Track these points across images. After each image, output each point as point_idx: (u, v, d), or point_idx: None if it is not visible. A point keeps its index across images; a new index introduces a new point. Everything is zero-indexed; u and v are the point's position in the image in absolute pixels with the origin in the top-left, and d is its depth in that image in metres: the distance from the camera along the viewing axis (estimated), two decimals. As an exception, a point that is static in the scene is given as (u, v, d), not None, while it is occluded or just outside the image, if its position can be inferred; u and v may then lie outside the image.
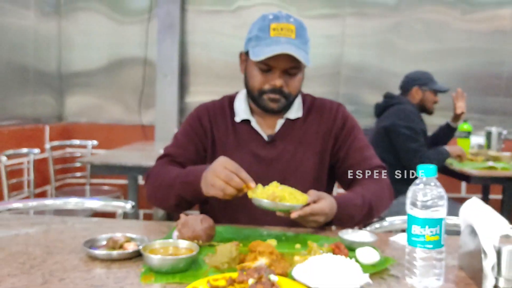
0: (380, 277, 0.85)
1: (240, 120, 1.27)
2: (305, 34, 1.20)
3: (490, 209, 0.89)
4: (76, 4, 3.75)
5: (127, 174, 2.40)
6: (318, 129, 1.28)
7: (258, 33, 1.18)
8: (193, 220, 0.98)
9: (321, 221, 1.05)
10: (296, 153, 1.25)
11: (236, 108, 1.29)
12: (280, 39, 1.15)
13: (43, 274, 0.81)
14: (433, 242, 0.81)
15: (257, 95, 1.22)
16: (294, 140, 1.26)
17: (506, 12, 3.64)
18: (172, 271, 0.83)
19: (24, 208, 1.32)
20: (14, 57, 3.17)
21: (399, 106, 2.51)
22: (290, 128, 1.27)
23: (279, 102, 1.21)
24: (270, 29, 1.16)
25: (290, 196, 1.00)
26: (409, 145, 2.38)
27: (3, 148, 2.76)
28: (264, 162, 1.24)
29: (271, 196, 0.98)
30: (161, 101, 3.58)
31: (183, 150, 1.27)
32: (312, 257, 0.84)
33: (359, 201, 1.14)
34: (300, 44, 1.16)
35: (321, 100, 1.34)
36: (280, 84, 1.18)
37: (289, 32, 1.16)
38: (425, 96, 2.59)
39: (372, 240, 0.98)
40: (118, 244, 0.93)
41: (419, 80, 2.59)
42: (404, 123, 2.41)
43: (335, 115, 1.29)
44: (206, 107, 1.32)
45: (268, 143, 1.26)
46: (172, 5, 3.57)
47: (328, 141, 1.27)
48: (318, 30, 3.60)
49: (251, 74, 1.22)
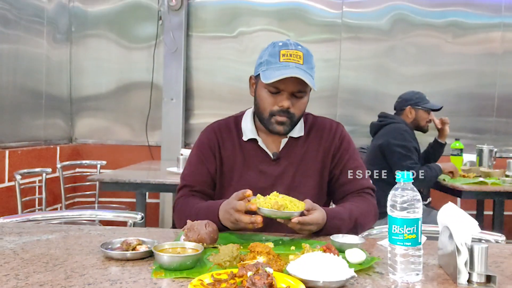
0: (366, 273, 0.95)
1: (247, 139, 1.37)
2: (311, 61, 1.31)
3: (463, 212, 0.99)
4: (86, 32, 3.95)
5: (135, 191, 2.52)
6: (319, 147, 1.38)
7: (269, 58, 1.28)
8: (199, 225, 1.08)
9: (313, 230, 1.17)
10: (299, 170, 1.35)
11: (243, 127, 1.39)
12: (289, 64, 1.25)
13: (65, 271, 0.92)
14: (411, 240, 0.91)
15: (267, 117, 1.32)
16: (297, 158, 1.36)
17: (496, 35, 3.81)
18: (179, 268, 0.93)
19: (42, 219, 1.42)
20: (27, 82, 3.34)
21: (393, 125, 2.63)
22: (293, 146, 1.37)
23: (285, 125, 1.31)
24: (280, 55, 1.27)
25: (291, 204, 1.12)
26: (402, 163, 2.49)
27: (16, 168, 2.89)
28: (269, 178, 1.34)
29: (275, 205, 1.09)
30: (167, 123, 3.73)
31: (199, 176, 1.36)
32: (305, 254, 0.94)
33: (346, 216, 1.25)
34: (307, 69, 1.27)
35: (322, 119, 1.44)
36: (287, 106, 1.28)
37: (297, 58, 1.26)
38: (418, 115, 2.71)
39: (360, 242, 1.08)
40: (131, 246, 1.03)
41: (411, 100, 2.72)
42: (398, 142, 2.53)
43: (334, 134, 1.40)
44: (213, 128, 1.41)
45: (273, 161, 1.36)
46: (177, 31, 3.76)
47: (327, 158, 1.38)
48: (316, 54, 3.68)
49: (261, 96, 1.32)
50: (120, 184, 2.38)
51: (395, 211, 0.93)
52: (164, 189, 2.80)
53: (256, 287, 0.78)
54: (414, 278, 0.91)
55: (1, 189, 2.93)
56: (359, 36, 3.80)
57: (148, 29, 3.88)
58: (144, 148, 3.84)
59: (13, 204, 2.75)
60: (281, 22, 3.83)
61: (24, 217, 1.39)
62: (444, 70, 3.80)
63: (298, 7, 3.82)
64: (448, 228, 0.97)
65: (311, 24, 3.81)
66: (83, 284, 0.84)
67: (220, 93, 3.87)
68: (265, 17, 3.85)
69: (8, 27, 3.09)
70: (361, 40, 3.80)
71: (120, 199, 3.64)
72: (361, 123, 3.71)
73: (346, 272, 0.88)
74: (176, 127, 3.75)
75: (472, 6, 3.79)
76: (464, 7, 3.79)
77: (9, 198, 2.92)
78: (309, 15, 3.82)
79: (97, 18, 3.94)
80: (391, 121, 2.67)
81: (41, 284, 0.84)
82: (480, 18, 3.79)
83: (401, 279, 0.91)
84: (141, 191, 2.51)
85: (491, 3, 3.79)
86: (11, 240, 1.13)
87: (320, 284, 0.84)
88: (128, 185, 2.37)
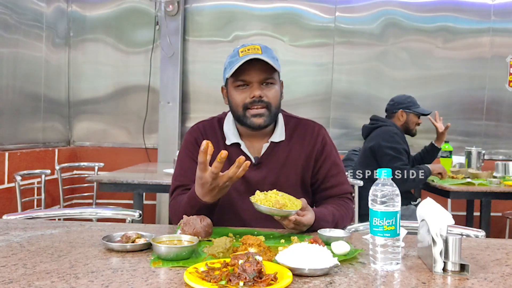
0: (349, 263, 1.02)
1: (230, 143, 1.38)
2: (271, 52, 1.34)
3: (439, 207, 1.07)
4: (84, 36, 4.02)
5: (133, 191, 2.58)
6: (301, 151, 1.40)
7: (230, 59, 1.33)
8: (194, 219, 1.15)
9: (303, 230, 1.24)
10: (281, 174, 1.38)
11: (226, 131, 1.40)
12: (249, 55, 1.28)
13: (69, 261, 0.99)
14: (390, 231, 0.99)
15: (242, 112, 1.33)
16: (278, 162, 1.38)
17: (486, 40, 3.91)
18: (176, 258, 1.00)
19: (44, 217, 1.49)
20: (26, 85, 3.40)
21: (383, 128, 2.71)
22: (275, 151, 1.39)
23: (263, 116, 1.32)
24: (239, 53, 1.31)
25: (290, 203, 1.18)
26: (393, 164, 2.57)
27: (16, 169, 2.95)
28: (251, 183, 1.35)
29: (277, 204, 1.14)
30: (164, 126, 3.80)
31: (190, 173, 1.34)
32: (292, 245, 1.01)
33: (330, 218, 1.31)
34: (267, 56, 1.30)
35: (305, 122, 1.45)
36: (259, 94, 1.30)
37: (255, 50, 1.30)
38: (408, 119, 2.80)
39: (345, 235, 1.16)
40: (130, 239, 1.10)
41: (403, 104, 2.81)
42: (388, 144, 2.61)
43: (316, 138, 1.41)
44: (198, 128, 1.44)
45: (255, 165, 1.38)
46: (174, 36, 3.84)
47: (309, 162, 1.40)
48: (309, 59, 3.86)
49: (232, 96, 1.35)
50: (118, 185, 2.44)
51: (375, 204, 1.00)
52: (161, 190, 2.86)
53: (246, 273, 0.85)
54: (393, 267, 0.99)
55: (1, 190, 2.99)
56: (352, 40, 3.89)
57: (145, 34, 3.96)
58: (141, 150, 3.91)
59: (13, 204, 2.80)
60: (275, 27, 3.92)
61: (27, 214, 1.45)
62: (434, 74, 3.89)
63: (293, 12, 3.91)
64: (426, 220, 1.04)
65: (305, 28, 3.90)
66: (86, 272, 0.90)
67: (216, 97, 3.91)
68: (260, 22, 3.94)
69: (8, 32, 3.16)
70: (353, 44, 3.89)
71: (117, 200, 3.70)
72: (353, 126, 3.80)
73: (331, 261, 0.95)
74: (172, 130, 3.82)
75: (462, 11, 3.90)
76: (454, 13, 3.89)
77: (8, 199, 2.98)
78: (303, 20, 3.91)
79: (95, 23, 4.01)
80: (382, 124, 2.76)
81: (47, 272, 0.90)
82: (469, 23, 3.89)
83: (381, 268, 0.98)
84: (138, 191, 2.58)
85: (480, 9, 3.89)
86: (17, 234, 1.19)
87: (305, 271, 0.91)
88: (125, 186, 2.44)
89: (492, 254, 1.11)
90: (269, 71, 1.31)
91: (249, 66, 1.29)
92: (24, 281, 0.84)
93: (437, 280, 0.91)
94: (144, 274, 0.90)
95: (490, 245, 1.19)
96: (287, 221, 1.18)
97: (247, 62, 1.28)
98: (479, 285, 0.87)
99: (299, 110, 3.47)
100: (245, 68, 1.29)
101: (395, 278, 0.92)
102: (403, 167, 2.55)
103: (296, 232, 1.24)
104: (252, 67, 1.29)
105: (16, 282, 0.84)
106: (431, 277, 0.92)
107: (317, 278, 0.90)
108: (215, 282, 0.84)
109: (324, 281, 0.88)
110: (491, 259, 1.06)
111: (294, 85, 3.89)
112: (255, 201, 1.16)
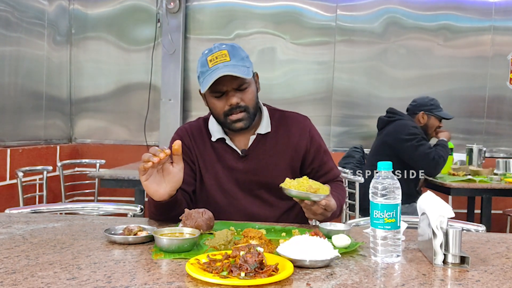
0: (350, 256, 1.02)
1: (215, 139, 1.42)
2: (239, 52, 1.35)
3: (440, 200, 1.07)
4: (85, 34, 4.03)
5: (134, 187, 2.59)
6: (288, 142, 1.43)
7: (201, 69, 1.35)
8: (196, 213, 1.16)
9: (328, 216, 1.27)
10: (269, 165, 1.41)
11: (210, 129, 1.44)
12: (218, 66, 1.30)
13: (72, 252, 0.99)
14: (391, 223, 0.99)
15: (223, 119, 1.37)
16: (266, 153, 1.41)
17: (487, 38, 3.90)
18: (178, 250, 1.00)
19: (46, 211, 1.50)
20: (28, 83, 3.41)
21: (401, 122, 2.68)
22: (262, 142, 1.42)
23: (243, 120, 1.36)
24: (208, 62, 1.32)
25: (321, 188, 1.20)
26: (417, 153, 2.53)
27: (17, 166, 2.96)
28: (240, 174, 1.40)
29: (310, 189, 1.17)
30: (165, 123, 3.81)
31: None
32: (293, 237, 1.02)
33: (338, 203, 1.36)
34: (236, 62, 1.31)
35: (289, 114, 1.49)
36: (236, 102, 1.33)
37: (223, 57, 1.31)
38: (429, 122, 2.75)
39: (346, 229, 1.16)
40: (132, 232, 1.11)
41: (426, 106, 2.76)
42: (405, 136, 2.56)
43: (302, 129, 1.45)
44: (185, 129, 1.48)
45: (242, 157, 1.41)
46: (175, 34, 3.85)
47: (298, 152, 1.43)
48: (310, 57, 3.86)
49: (211, 103, 1.39)
50: (119, 181, 2.45)
51: (376, 197, 1.01)
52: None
53: (247, 264, 0.86)
54: (393, 259, 0.99)
55: (3, 186, 3.00)
56: (353, 39, 3.89)
57: (146, 31, 3.96)
58: (142, 148, 3.92)
59: (15, 201, 2.81)
60: (277, 25, 3.92)
61: (29, 208, 1.46)
62: (435, 72, 3.89)
63: (294, 10, 3.91)
64: (426, 213, 1.05)
65: (306, 27, 3.90)
66: (89, 263, 0.91)
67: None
68: (261, 20, 3.94)
69: (10, 30, 3.17)
70: (354, 43, 3.90)
71: (118, 197, 3.71)
72: (354, 124, 3.80)
73: (331, 252, 0.96)
74: (173, 127, 3.79)
75: (463, 9, 3.89)
76: (455, 11, 3.89)
77: (10, 195, 2.99)
78: (304, 18, 3.91)
79: (97, 20, 4.02)
80: (400, 118, 2.72)
81: (50, 263, 0.91)
82: (470, 22, 3.89)
83: (382, 260, 0.99)
84: (139, 187, 2.59)
85: (482, 7, 3.89)
86: (19, 227, 1.20)
87: (306, 263, 0.92)
88: (127, 182, 2.45)
89: (493, 247, 1.11)
90: (241, 77, 1.32)
91: (221, 77, 1.29)
92: (27, 271, 0.85)
93: (438, 272, 0.91)
94: (146, 266, 0.91)
95: (491, 239, 1.20)
96: (316, 206, 1.20)
97: None
98: (479, 277, 0.88)
99: (300, 108, 3.47)
100: (217, 79, 1.29)
101: (395, 270, 0.92)
102: (428, 151, 2.52)
103: (321, 218, 1.26)
104: (224, 77, 1.29)
105: (19, 273, 0.84)
106: (432, 269, 0.92)
107: (318, 269, 0.90)
108: (217, 273, 0.84)
109: (325, 272, 0.89)
110: (492, 252, 1.07)
111: (295, 84, 3.90)
112: (288, 187, 1.18)
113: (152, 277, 0.83)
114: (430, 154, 2.51)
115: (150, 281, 0.81)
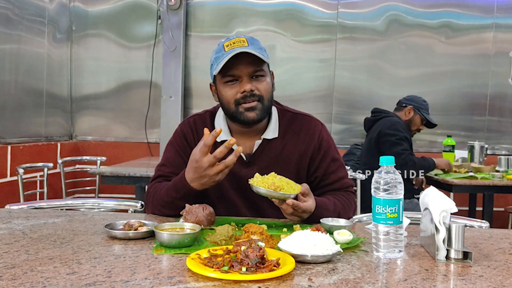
0: (352, 251, 1.02)
1: (220, 140, 1.30)
2: (258, 43, 1.28)
3: (442, 194, 1.07)
4: (86, 32, 4.02)
5: (135, 184, 2.58)
6: (294, 148, 1.34)
7: (216, 55, 1.28)
8: (196, 208, 1.15)
9: (304, 218, 1.20)
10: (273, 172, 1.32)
11: (216, 127, 1.36)
12: (235, 49, 1.22)
13: (72, 247, 0.99)
14: (393, 219, 0.98)
15: (234, 108, 1.28)
16: (271, 160, 1.33)
17: (489, 35, 3.89)
18: (178, 246, 1.00)
19: (47, 207, 1.49)
20: (29, 81, 3.41)
21: (386, 119, 2.71)
22: (267, 148, 1.34)
23: (256, 109, 1.27)
24: (224, 47, 1.25)
25: (287, 186, 1.15)
26: (393, 149, 2.56)
27: (18, 163, 2.95)
28: (242, 181, 1.28)
29: (272, 186, 1.12)
30: (166, 120, 3.80)
31: (174, 167, 1.34)
32: (295, 232, 1.01)
33: (331, 208, 1.28)
34: (254, 48, 1.24)
35: (301, 117, 1.39)
36: (249, 88, 1.25)
37: (241, 43, 1.24)
38: (414, 118, 2.79)
39: (347, 224, 1.16)
40: (133, 227, 1.10)
41: (417, 103, 2.80)
42: (389, 131, 2.62)
43: (311, 135, 1.36)
44: (189, 122, 1.41)
45: (246, 163, 1.34)
46: (176, 31, 3.84)
47: (304, 160, 1.35)
48: (312, 55, 3.85)
49: (222, 93, 1.29)
50: (120, 177, 2.45)
51: (378, 192, 1.00)
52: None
53: (249, 259, 0.85)
54: (396, 254, 0.98)
55: (3, 183, 3.00)
56: (354, 36, 3.88)
57: (147, 29, 3.95)
58: (143, 145, 3.91)
59: (15, 197, 2.81)
60: (277, 23, 3.91)
61: (29, 204, 1.46)
62: (437, 70, 3.88)
63: (295, 7, 3.90)
64: (429, 208, 1.04)
65: (307, 24, 3.89)
66: (89, 258, 0.90)
67: (217, 92, 3.94)
68: (262, 18, 3.93)
69: (10, 27, 3.16)
70: (356, 40, 3.88)
71: (119, 194, 3.70)
72: (355, 122, 3.79)
73: (333, 248, 0.95)
74: (174, 124, 3.76)
75: (465, 7, 3.88)
76: (457, 8, 3.88)
77: (11, 192, 2.99)
78: (305, 16, 3.90)
79: (97, 17, 4.01)
80: (385, 115, 2.75)
81: (50, 258, 0.90)
82: (472, 19, 3.88)
83: (384, 256, 0.98)
84: (140, 184, 2.58)
85: (483, 4, 3.87)
86: (19, 223, 1.20)
87: (308, 258, 0.91)
88: (128, 179, 2.44)
89: (496, 243, 1.10)
90: (258, 63, 1.26)
91: (237, 60, 1.23)
92: (26, 266, 0.85)
93: (440, 267, 0.90)
94: (147, 260, 0.90)
95: (494, 235, 1.19)
96: (285, 205, 1.13)
97: (234, 56, 1.22)
98: (482, 272, 0.87)
99: (301, 105, 3.46)
100: (232, 62, 1.23)
101: (397, 265, 0.92)
102: (403, 152, 2.54)
103: (296, 220, 1.20)
104: (239, 61, 1.23)
105: (19, 267, 0.84)
106: (434, 265, 0.92)
107: (319, 264, 0.89)
108: (218, 268, 0.83)
109: (327, 267, 0.88)
110: (495, 248, 1.06)
111: (296, 81, 3.89)
112: (252, 183, 1.14)
113: (152, 272, 0.83)
114: (402, 154, 2.53)
115: (150, 276, 0.81)
